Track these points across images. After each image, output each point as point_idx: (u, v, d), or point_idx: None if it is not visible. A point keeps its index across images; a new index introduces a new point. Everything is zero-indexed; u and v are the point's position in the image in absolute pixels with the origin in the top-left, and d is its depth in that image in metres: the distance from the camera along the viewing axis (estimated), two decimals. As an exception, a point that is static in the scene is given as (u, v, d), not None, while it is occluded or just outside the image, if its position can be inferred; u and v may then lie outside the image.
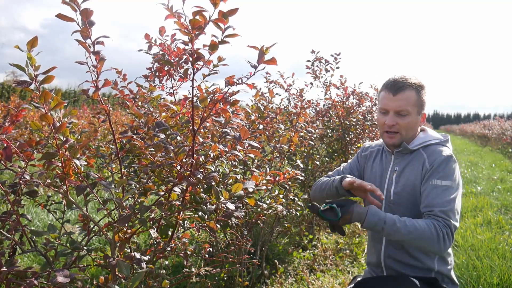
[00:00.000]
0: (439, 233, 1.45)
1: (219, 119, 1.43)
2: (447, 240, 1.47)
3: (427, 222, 1.48)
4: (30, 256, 3.13)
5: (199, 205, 1.32)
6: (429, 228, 1.46)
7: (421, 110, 1.67)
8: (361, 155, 1.90)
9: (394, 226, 1.47)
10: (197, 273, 1.77)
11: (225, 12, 1.13)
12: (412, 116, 1.64)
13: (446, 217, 1.48)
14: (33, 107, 1.15)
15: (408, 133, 1.66)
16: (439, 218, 1.49)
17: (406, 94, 1.62)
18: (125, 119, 8.04)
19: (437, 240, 1.45)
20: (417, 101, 1.64)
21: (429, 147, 1.66)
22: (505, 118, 21.52)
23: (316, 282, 2.85)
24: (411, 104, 1.62)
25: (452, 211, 1.50)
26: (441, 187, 1.54)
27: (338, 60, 3.86)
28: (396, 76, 1.67)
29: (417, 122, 1.67)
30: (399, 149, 1.69)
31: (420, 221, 1.49)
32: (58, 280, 1.00)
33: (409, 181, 1.64)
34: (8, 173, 5.48)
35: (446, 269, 1.65)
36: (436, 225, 1.47)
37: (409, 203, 1.63)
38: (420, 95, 1.65)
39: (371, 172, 1.81)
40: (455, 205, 1.52)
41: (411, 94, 1.62)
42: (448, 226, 1.47)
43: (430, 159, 1.61)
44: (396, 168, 1.70)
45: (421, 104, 1.65)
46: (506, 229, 4.18)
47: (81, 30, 1.13)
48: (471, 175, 8.08)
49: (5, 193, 1.24)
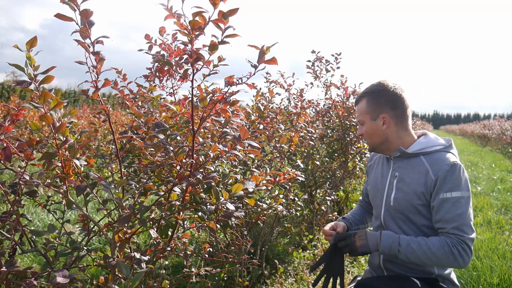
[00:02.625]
0: (453, 250, 1.45)
1: (219, 119, 1.43)
2: (465, 255, 1.46)
3: (440, 240, 1.48)
4: (30, 256, 3.13)
5: (199, 205, 1.31)
6: (443, 247, 1.46)
7: (377, 115, 1.63)
8: (368, 165, 1.92)
9: (409, 246, 1.49)
10: (197, 273, 1.77)
11: (225, 12, 1.13)
12: (367, 123, 1.66)
13: (459, 233, 1.47)
14: (33, 107, 1.15)
15: (372, 139, 1.68)
16: (452, 236, 1.47)
17: (359, 105, 1.69)
18: (125, 119, 8.04)
19: (453, 258, 1.45)
20: (367, 108, 1.65)
21: (432, 155, 1.59)
22: (505, 118, 21.51)
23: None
24: (363, 113, 1.67)
25: (465, 225, 1.48)
26: (451, 200, 1.50)
27: (339, 60, 3.87)
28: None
29: (377, 127, 1.64)
30: (396, 154, 1.66)
31: (434, 239, 1.49)
32: (58, 280, 1.00)
33: (410, 188, 1.60)
34: (8, 173, 5.48)
35: (446, 272, 1.64)
36: (450, 242, 1.46)
37: (408, 210, 1.61)
38: (372, 101, 1.64)
39: (374, 178, 1.80)
40: (467, 217, 1.49)
41: (363, 104, 1.67)
42: (463, 242, 1.46)
43: (434, 169, 1.55)
44: (396, 174, 1.68)
45: (373, 109, 1.63)
46: (506, 229, 4.17)
47: (80, 30, 1.13)
48: (471, 175, 8.08)
49: (5, 193, 1.24)
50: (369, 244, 1.53)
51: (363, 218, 1.92)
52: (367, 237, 1.55)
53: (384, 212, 1.70)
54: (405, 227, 1.63)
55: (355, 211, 1.95)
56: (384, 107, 1.62)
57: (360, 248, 1.54)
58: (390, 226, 1.67)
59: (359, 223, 1.89)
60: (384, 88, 1.64)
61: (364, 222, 1.93)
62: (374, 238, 1.54)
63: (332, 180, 3.86)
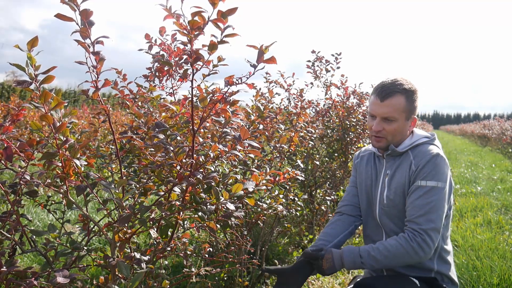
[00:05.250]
0: (412, 244, 1.48)
1: (219, 119, 1.43)
2: (425, 247, 1.47)
3: (397, 239, 1.51)
4: (30, 256, 3.13)
5: (199, 205, 1.32)
6: (401, 245, 1.48)
7: (411, 115, 1.63)
8: (355, 163, 1.91)
9: (370, 255, 1.51)
10: (197, 273, 1.77)
11: (224, 12, 1.13)
12: (400, 122, 1.60)
13: (422, 222, 1.49)
14: (33, 107, 1.15)
15: (394, 138, 1.63)
16: (414, 226, 1.50)
17: (393, 101, 1.58)
18: (125, 119, 8.04)
19: (413, 252, 1.48)
20: (405, 107, 1.59)
21: (416, 148, 1.63)
22: (505, 118, 21.51)
23: (316, 282, 2.85)
24: (399, 110, 1.58)
25: (431, 213, 1.49)
26: (424, 188, 1.52)
27: (339, 60, 3.86)
28: (387, 80, 1.63)
29: (405, 127, 1.63)
30: (388, 152, 1.68)
31: (391, 240, 1.52)
32: (58, 280, 1.00)
33: (399, 184, 1.62)
34: (8, 173, 5.48)
35: (446, 269, 1.65)
36: (408, 237, 1.49)
37: (402, 206, 1.62)
38: (410, 101, 1.60)
39: (365, 176, 1.80)
40: (435, 207, 1.50)
41: (399, 100, 1.58)
42: (425, 232, 1.48)
43: (416, 160, 1.58)
44: (388, 172, 1.69)
45: (410, 109, 1.61)
46: (506, 229, 4.17)
47: (80, 30, 1.13)
48: (471, 175, 8.08)
49: (5, 193, 1.24)
50: (335, 265, 1.54)
51: (338, 237, 1.77)
52: (333, 259, 1.55)
53: (379, 211, 1.70)
54: (400, 223, 1.64)
55: (329, 231, 1.77)
56: (416, 109, 1.65)
57: (327, 270, 1.55)
58: (387, 224, 1.68)
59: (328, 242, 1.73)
60: (416, 89, 1.64)
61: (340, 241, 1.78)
62: (338, 258, 1.55)
63: (332, 180, 3.86)
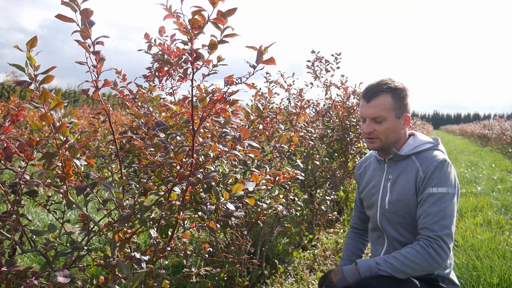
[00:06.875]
0: (429, 251, 1.47)
1: (219, 119, 1.43)
2: (442, 252, 1.47)
3: (413, 247, 1.50)
4: (30, 256, 3.13)
5: (199, 205, 1.32)
6: (418, 252, 1.48)
7: (402, 113, 1.61)
8: (357, 174, 1.92)
9: (387, 263, 1.50)
10: (197, 273, 1.77)
11: (224, 12, 1.13)
12: (390, 121, 1.60)
13: (437, 229, 1.49)
14: (33, 107, 1.15)
15: (388, 137, 1.62)
16: (425, 236, 1.50)
17: (379, 100, 1.58)
18: (125, 119, 8.04)
19: (431, 258, 1.47)
20: (393, 105, 1.59)
21: (422, 154, 1.62)
22: (505, 118, 21.51)
23: (316, 282, 2.85)
24: (386, 109, 1.58)
25: (445, 219, 1.50)
26: (436, 195, 1.52)
27: (339, 60, 3.87)
28: (373, 82, 1.65)
29: (398, 126, 1.62)
30: (390, 156, 1.67)
31: (407, 248, 1.51)
32: (58, 280, 1.00)
33: (403, 190, 1.61)
34: (8, 173, 5.48)
35: (446, 272, 1.64)
36: (423, 244, 1.48)
37: (403, 212, 1.62)
38: (398, 98, 1.60)
39: (367, 183, 1.80)
40: (448, 213, 1.51)
41: (386, 99, 1.58)
42: (440, 238, 1.48)
43: (424, 167, 1.58)
44: (390, 177, 1.69)
45: (399, 107, 1.60)
46: (506, 229, 4.17)
47: (81, 30, 1.13)
48: (471, 175, 8.08)
49: (5, 193, 1.24)
50: (346, 277, 1.53)
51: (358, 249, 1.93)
52: (343, 271, 1.55)
53: (380, 216, 1.70)
54: (401, 229, 1.64)
55: (348, 248, 1.93)
56: (407, 106, 1.64)
57: (338, 283, 1.54)
58: (387, 230, 1.68)
59: (357, 257, 1.89)
60: (404, 87, 1.64)
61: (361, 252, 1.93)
62: (350, 270, 1.54)
63: (332, 180, 3.86)
